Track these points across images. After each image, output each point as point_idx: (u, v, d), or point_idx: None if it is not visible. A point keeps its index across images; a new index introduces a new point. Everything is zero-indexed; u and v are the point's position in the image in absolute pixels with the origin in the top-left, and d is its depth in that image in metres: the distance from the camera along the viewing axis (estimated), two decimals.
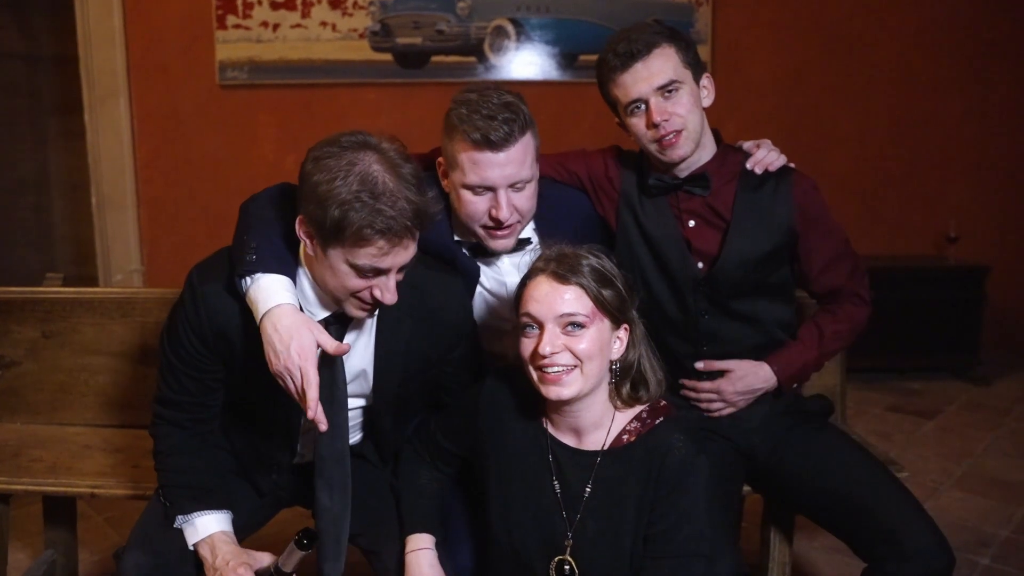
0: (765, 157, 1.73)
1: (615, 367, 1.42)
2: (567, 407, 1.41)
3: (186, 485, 1.53)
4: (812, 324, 1.76)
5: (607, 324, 1.38)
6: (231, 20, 4.00)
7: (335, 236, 1.31)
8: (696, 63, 1.68)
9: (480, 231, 1.65)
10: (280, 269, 1.41)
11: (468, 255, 1.72)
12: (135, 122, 4.12)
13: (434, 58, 4.10)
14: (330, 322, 1.47)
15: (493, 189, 1.59)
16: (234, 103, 4.10)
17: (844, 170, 4.22)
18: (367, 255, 1.32)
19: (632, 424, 1.43)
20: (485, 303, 1.76)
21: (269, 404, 1.51)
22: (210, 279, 1.46)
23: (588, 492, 1.41)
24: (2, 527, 2.03)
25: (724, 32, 4.17)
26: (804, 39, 4.24)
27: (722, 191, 1.72)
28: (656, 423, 1.42)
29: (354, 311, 1.42)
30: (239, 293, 1.42)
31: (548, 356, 1.34)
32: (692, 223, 1.73)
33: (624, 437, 1.42)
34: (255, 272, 1.40)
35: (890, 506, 1.59)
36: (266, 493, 1.68)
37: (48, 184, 4.78)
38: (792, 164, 1.75)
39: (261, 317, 1.37)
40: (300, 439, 1.61)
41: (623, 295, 1.40)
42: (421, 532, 1.53)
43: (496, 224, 1.61)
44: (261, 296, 1.38)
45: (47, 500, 2.17)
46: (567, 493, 1.42)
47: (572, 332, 1.35)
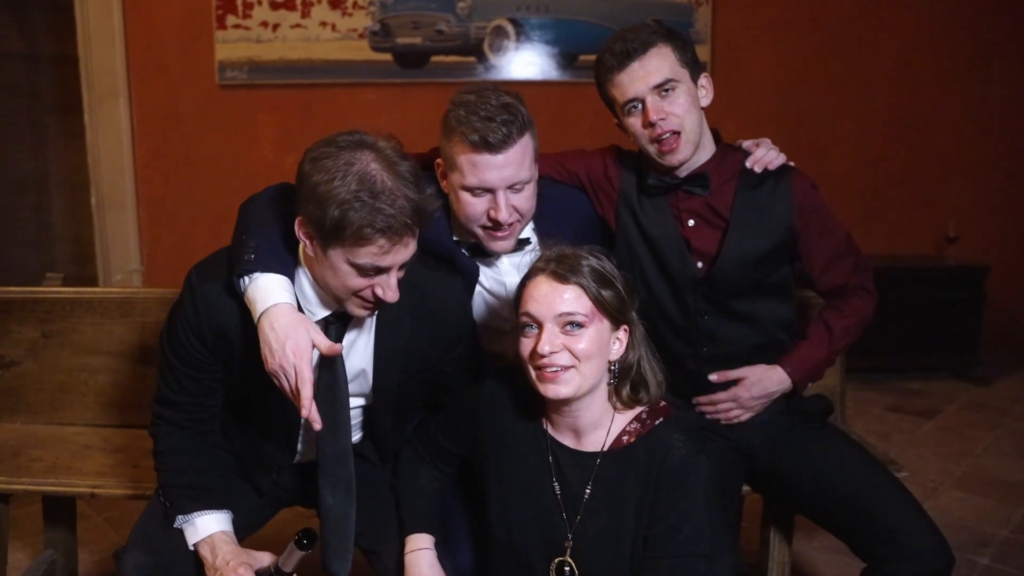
0: (764, 156, 1.73)
1: (614, 368, 1.42)
2: (566, 407, 1.41)
3: (186, 485, 1.53)
4: (820, 322, 1.76)
5: (606, 325, 1.38)
6: (231, 20, 4.00)
7: (335, 236, 1.31)
8: (694, 63, 1.68)
9: (479, 232, 1.65)
10: (279, 269, 1.42)
11: (467, 255, 1.72)
12: (135, 122, 4.12)
13: (434, 58, 4.10)
14: (330, 321, 1.47)
15: (492, 191, 1.59)
16: (234, 103, 4.10)
17: (844, 170, 4.23)
18: (368, 254, 1.32)
19: (632, 425, 1.43)
20: (484, 303, 1.76)
21: (268, 404, 1.51)
22: (209, 279, 1.46)
23: (588, 493, 1.41)
24: (2, 527, 2.03)
25: (724, 32, 4.17)
26: (804, 39, 4.24)
27: (722, 190, 1.72)
28: (656, 423, 1.42)
29: (356, 310, 1.42)
30: (238, 293, 1.42)
31: (547, 356, 1.34)
32: (691, 222, 1.73)
33: (624, 438, 1.42)
34: (253, 271, 1.40)
35: (890, 506, 1.59)
36: (266, 493, 1.68)
37: (48, 184, 4.78)
38: (791, 163, 1.75)
39: (259, 316, 1.38)
40: (301, 438, 1.62)
41: (623, 296, 1.40)
42: (421, 532, 1.53)
43: (495, 225, 1.61)
44: (259, 295, 1.38)
45: (47, 500, 2.17)
46: (567, 494, 1.42)
47: (571, 332, 1.35)
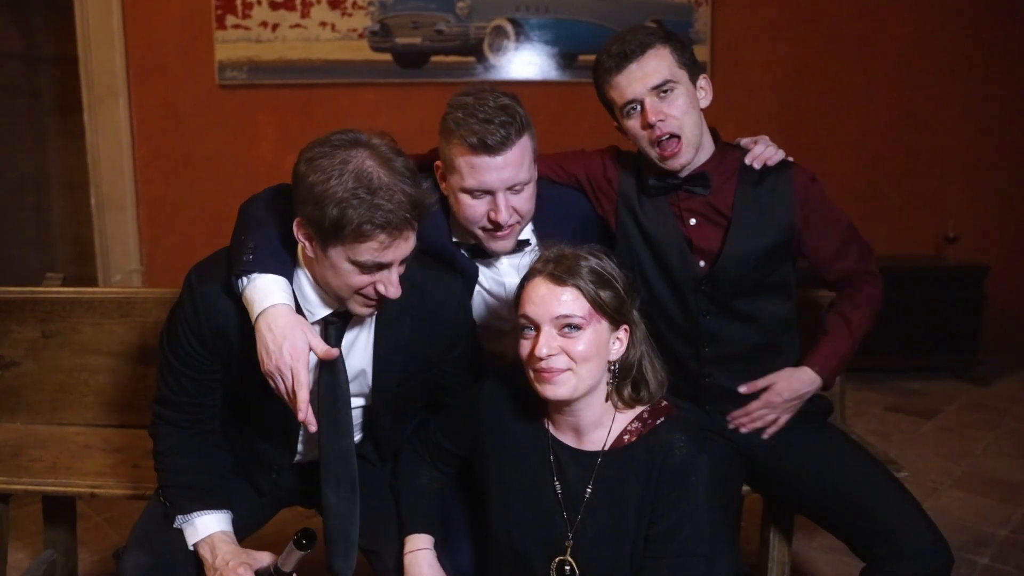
0: (763, 152, 1.73)
1: (614, 367, 1.42)
2: (567, 407, 1.41)
3: (186, 485, 1.53)
4: (836, 315, 1.76)
5: (605, 325, 1.38)
6: (230, 20, 4.00)
7: (335, 235, 1.31)
8: (692, 64, 1.68)
9: (479, 233, 1.65)
10: (277, 269, 1.42)
11: (467, 256, 1.72)
12: (134, 122, 4.12)
13: (433, 58, 4.10)
14: (330, 321, 1.47)
15: (491, 192, 1.59)
16: (233, 103, 4.10)
17: (844, 170, 4.23)
18: (369, 250, 1.32)
19: (633, 424, 1.43)
20: (484, 303, 1.76)
21: (268, 404, 1.51)
22: (208, 279, 1.46)
23: (589, 492, 1.41)
24: (2, 527, 2.03)
25: (723, 32, 4.17)
26: (804, 39, 4.24)
27: (722, 188, 1.72)
28: (657, 423, 1.42)
29: (359, 309, 1.42)
30: (236, 293, 1.43)
31: (544, 358, 1.34)
32: (693, 221, 1.73)
33: (625, 437, 1.42)
34: (252, 272, 1.40)
35: (889, 506, 1.59)
36: (266, 493, 1.68)
37: (48, 184, 4.78)
38: (791, 158, 1.75)
39: (256, 316, 1.38)
40: (301, 439, 1.62)
41: (622, 296, 1.39)
42: (420, 532, 1.53)
43: (495, 226, 1.62)
44: (257, 296, 1.39)
45: (47, 500, 2.17)
46: (568, 493, 1.42)
47: (568, 334, 1.35)
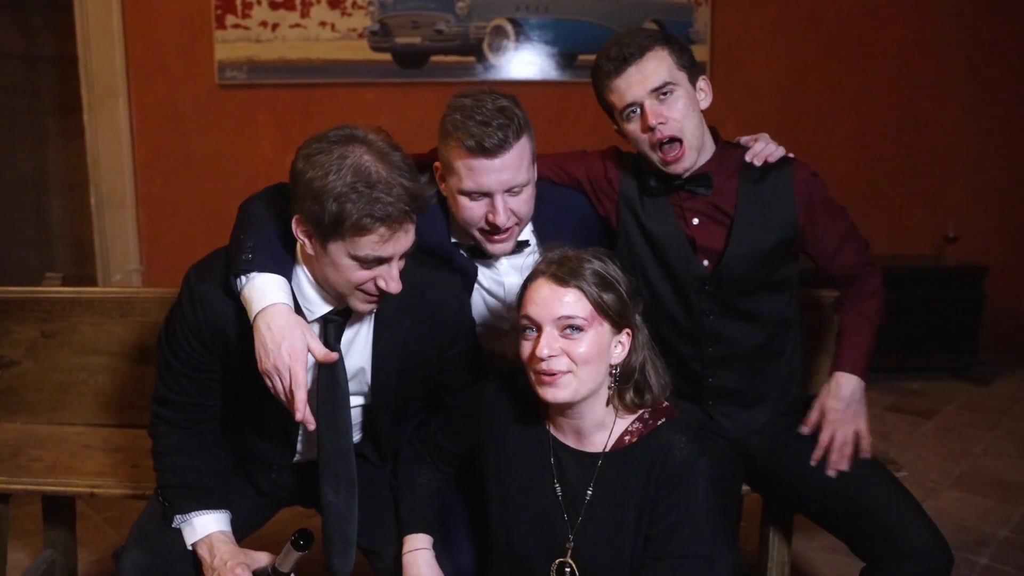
0: (764, 149, 1.73)
1: (615, 372, 1.41)
2: (568, 409, 1.41)
3: (184, 485, 1.53)
4: (852, 313, 1.76)
5: (607, 328, 1.37)
6: (230, 20, 4.00)
7: (334, 230, 1.31)
8: (692, 65, 1.68)
9: (478, 235, 1.65)
10: (276, 268, 1.42)
11: (466, 256, 1.72)
12: (134, 122, 4.12)
13: (433, 58, 4.10)
14: (329, 319, 1.47)
15: (490, 195, 1.59)
16: (233, 103, 4.10)
17: (844, 170, 4.22)
18: (369, 244, 1.33)
19: (634, 425, 1.43)
20: (483, 303, 1.76)
21: (267, 404, 1.50)
22: (207, 279, 1.46)
23: (590, 494, 1.41)
24: (1, 527, 2.03)
25: (723, 32, 4.17)
26: (804, 39, 4.24)
27: (724, 187, 1.71)
28: (658, 424, 1.42)
29: (360, 305, 1.42)
30: (234, 292, 1.42)
31: (545, 359, 1.34)
32: (696, 221, 1.72)
33: (626, 438, 1.42)
34: (250, 271, 1.40)
35: (889, 506, 1.59)
36: (265, 493, 1.68)
37: (47, 184, 4.77)
38: (791, 154, 1.75)
39: (255, 315, 1.38)
40: (300, 438, 1.61)
41: (625, 300, 1.39)
42: (419, 532, 1.54)
43: (493, 229, 1.61)
44: (256, 295, 1.39)
45: (46, 500, 2.17)
46: (568, 494, 1.42)
47: (570, 335, 1.35)
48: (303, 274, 1.45)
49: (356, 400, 1.60)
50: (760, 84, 4.24)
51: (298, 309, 1.44)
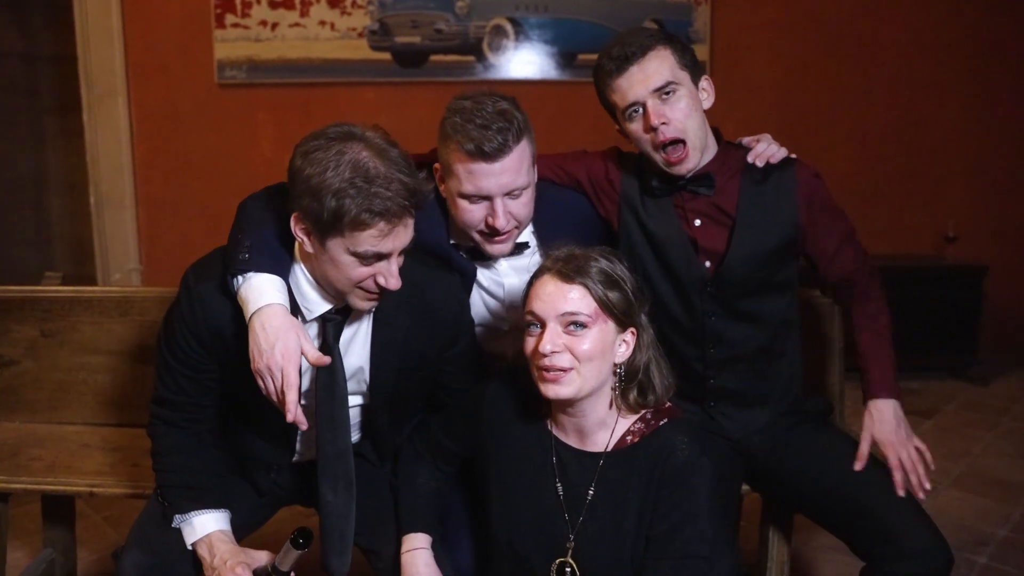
0: (766, 150, 1.73)
1: (619, 371, 1.41)
2: (571, 407, 1.41)
3: (184, 485, 1.53)
4: (867, 333, 1.76)
5: (611, 327, 1.37)
6: (230, 19, 4.00)
7: (333, 226, 1.31)
8: (694, 65, 1.67)
9: (477, 237, 1.65)
10: (273, 268, 1.41)
11: (465, 256, 1.72)
12: (133, 121, 4.11)
13: (433, 57, 4.09)
14: (328, 318, 1.47)
15: (489, 198, 1.58)
16: (233, 102, 4.10)
17: (843, 170, 4.22)
18: (368, 239, 1.32)
19: (636, 425, 1.42)
20: (483, 303, 1.76)
21: (266, 404, 1.50)
22: (205, 278, 1.46)
23: (591, 494, 1.41)
24: (1, 526, 2.02)
25: (723, 32, 4.17)
26: (804, 39, 4.24)
27: (726, 188, 1.71)
28: (660, 424, 1.42)
29: (359, 303, 1.42)
30: (231, 292, 1.42)
31: (548, 355, 1.34)
32: (698, 222, 1.72)
33: (628, 438, 1.42)
34: (247, 271, 1.40)
35: (889, 505, 1.59)
36: (265, 492, 1.67)
37: (47, 183, 4.78)
38: (793, 155, 1.75)
39: (250, 315, 1.37)
40: (299, 438, 1.61)
41: (630, 299, 1.39)
42: (418, 531, 1.54)
43: (492, 231, 1.61)
44: (252, 295, 1.38)
45: (46, 499, 2.17)
46: (569, 494, 1.42)
47: (574, 332, 1.35)
48: (302, 273, 1.45)
49: (355, 400, 1.59)
50: (760, 84, 4.24)
51: (295, 309, 1.44)
